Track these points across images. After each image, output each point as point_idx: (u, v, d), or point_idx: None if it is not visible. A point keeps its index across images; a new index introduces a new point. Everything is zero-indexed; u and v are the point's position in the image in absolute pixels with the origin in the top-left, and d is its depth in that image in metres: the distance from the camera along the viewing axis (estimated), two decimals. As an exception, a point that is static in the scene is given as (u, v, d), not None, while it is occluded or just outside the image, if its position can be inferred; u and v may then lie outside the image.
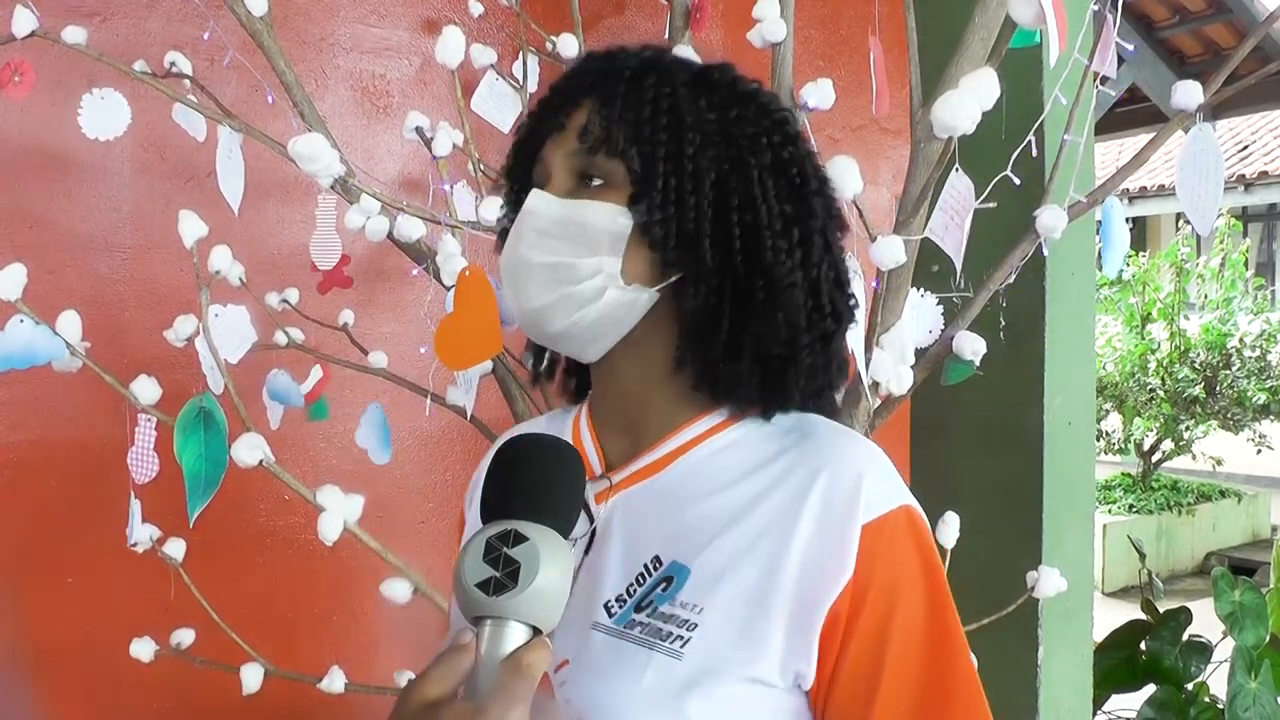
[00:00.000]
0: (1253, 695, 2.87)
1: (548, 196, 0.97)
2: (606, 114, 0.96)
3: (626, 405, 1.03)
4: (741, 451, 0.99)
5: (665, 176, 0.94)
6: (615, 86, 0.97)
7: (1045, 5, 1.34)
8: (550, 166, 0.99)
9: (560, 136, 0.98)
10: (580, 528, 0.97)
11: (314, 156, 1.53)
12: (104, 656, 1.89)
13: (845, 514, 0.91)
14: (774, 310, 0.96)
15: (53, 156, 2.03)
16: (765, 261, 0.96)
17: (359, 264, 2.15)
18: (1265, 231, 16.11)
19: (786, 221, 0.97)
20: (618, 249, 0.95)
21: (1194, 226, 1.56)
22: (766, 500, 0.94)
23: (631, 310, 0.97)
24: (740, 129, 0.98)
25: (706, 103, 0.98)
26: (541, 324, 0.99)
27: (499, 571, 0.77)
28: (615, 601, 0.94)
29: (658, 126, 0.95)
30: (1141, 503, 8.41)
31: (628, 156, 0.95)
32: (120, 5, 2.07)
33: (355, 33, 2.32)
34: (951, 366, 1.65)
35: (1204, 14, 6.75)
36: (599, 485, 1.01)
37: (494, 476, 0.85)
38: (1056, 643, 2.29)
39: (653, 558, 0.95)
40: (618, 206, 0.95)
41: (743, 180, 0.96)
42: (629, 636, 0.92)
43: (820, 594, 0.90)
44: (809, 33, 2.81)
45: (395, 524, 2.30)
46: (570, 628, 0.93)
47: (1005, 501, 2.33)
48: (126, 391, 1.55)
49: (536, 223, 0.97)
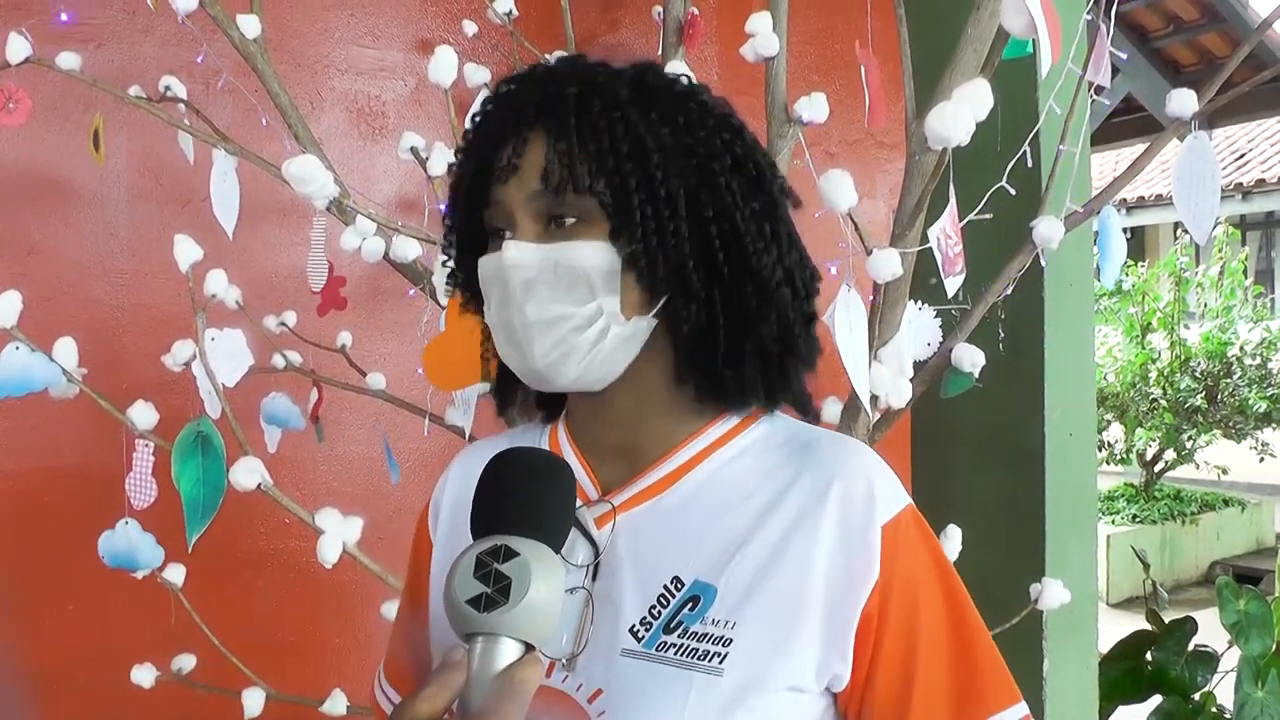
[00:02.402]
0: (1260, 704, 2.86)
1: (525, 245, 0.93)
2: (564, 148, 0.91)
3: (620, 428, 1.01)
4: (745, 465, 0.99)
5: (642, 205, 0.92)
6: (563, 117, 0.92)
7: (1036, 16, 1.34)
8: (511, 211, 0.94)
9: (516, 179, 0.93)
10: (584, 554, 0.97)
11: (308, 178, 1.53)
12: (105, 683, 1.88)
13: (864, 517, 0.93)
14: (768, 311, 0.96)
15: (49, 183, 2.03)
16: (750, 267, 0.95)
17: (356, 285, 2.14)
18: (1264, 239, 16.12)
19: (758, 220, 0.97)
20: (613, 286, 0.93)
21: (1192, 235, 1.56)
22: (780, 511, 0.94)
23: (633, 342, 0.96)
24: (694, 135, 0.95)
25: (657, 115, 0.95)
26: (552, 378, 0.96)
27: (490, 587, 0.76)
28: (640, 625, 0.93)
29: (620, 155, 0.92)
30: (1145, 513, 8.39)
31: (598, 191, 0.91)
32: (115, 31, 2.08)
33: (350, 54, 2.32)
34: (951, 379, 1.65)
35: (1198, 23, 6.78)
36: (598, 510, 0.99)
37: (483, 491, 0.84)
38: (1061, 655, 2.28)
39: (672, 578, 0.94)
40: (602, 243, 0.93)
41: (711, 189, 0.95)
42: (663, 659, 0.91)
43: (852, 596, 0.92)
44: (803, 47, 2.81)
45: (395, 545, 2.28)
46: (596, 657, 0.92)
47: (1007, 514, 2.32)
48: (124, 417, 1.55)
49: (523, 275, 0.93)
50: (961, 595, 0.98)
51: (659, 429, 1.00)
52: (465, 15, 2.33)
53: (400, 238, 1.72)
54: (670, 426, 1.00)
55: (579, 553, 0.97)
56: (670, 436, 1.00)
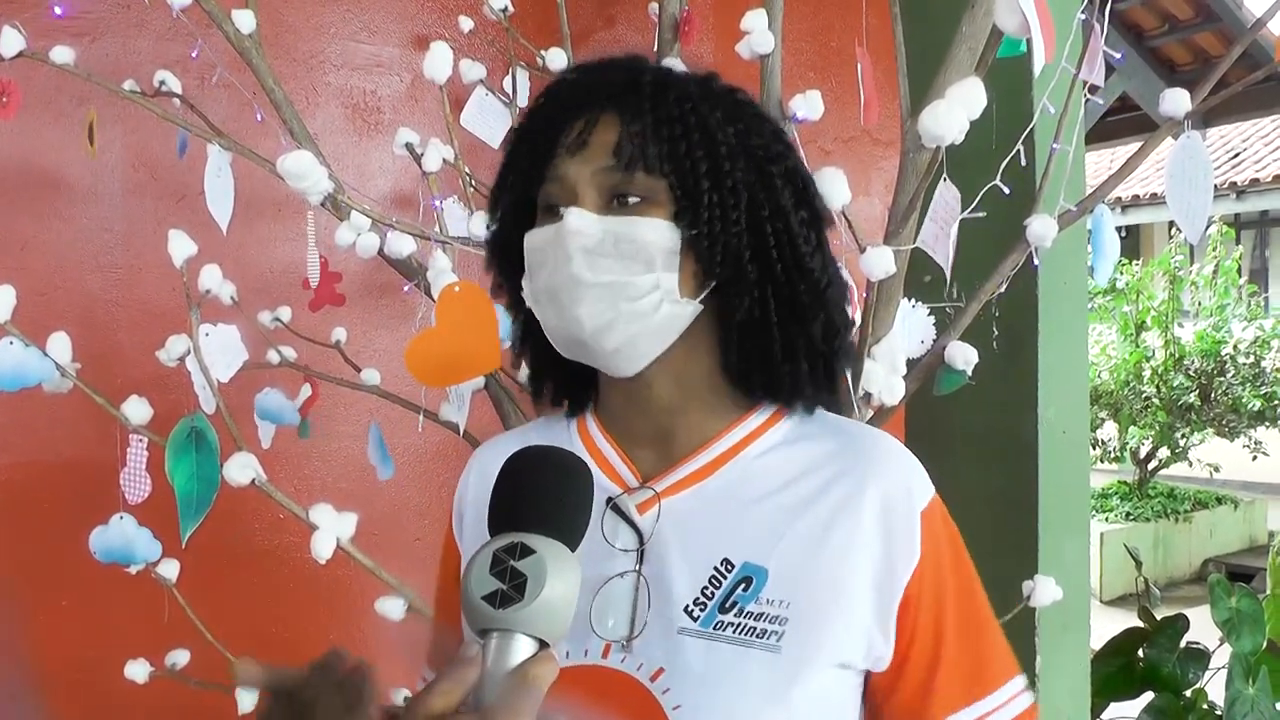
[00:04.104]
0: (1251, 701, 2.87)
1: (588, 214, 0.97)
2: (637, 130, 0.96)
3: (658, 415, 1.04)
4: (785, 453, 1.03)
5: (708, 192, 0.97)
6: (639, 102, 0.97)
7: (1030, 15, 1.34)
8: (574, 185, 0.97)
9: (584, 154, 0.97)
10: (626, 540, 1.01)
11: (302, 174, 1.53)
12: (99, 679, 1.88)
13: (906, 504, 0.99)
14: (819, 310, 1.02)
15: (43, 177, 2.03)
16: (803, 266, 1.00)
17: (351, 281, 2.14)
18: (1258, 238, 16.14)
19: (808, 226, 1.02)
20: (672, 264, 0.97)
21: (1185, 234, 1.56)
22: (823, 497, 0.99)
23: (678, 323, 0.99)
24: (753, 140, 1.01)
25: (721, 115, 1.00)
26: (595, 343, 0.98)
27: (506, 584, 0.77)
28: (694, 605, 0.97)
29: (693, 143, 0.97)
30: (1138, 510, 8.41)
31: (666, 173, 0.96)
32: (109, 25, 2.07)
33: (345, 49, 2.32)
34: (944, 376, 1.65)
35: (1193, 22, 6.78)
36: (640, 496, 1.02)
37: (500, 489, 0.85)
38: (1054, 652, 2.28)
39: (722, 560, 0.98)
40: (665, 222, 0.97)
41: (769, 190, 1.00)
42: (722, 638, 0.95)
43: (896, 578, 0.98)
44: (799, 45, 2.81)
45: (389, 541, 2.29)
46: (655, 636, 0.96)
47: (1000, 511, 2.32)
48: (117, 412, 1.55)
49: (583, 242, 0.96)
50: (975, 574, 1.04)
51: (696, 418, 1.04)
52: (461, 11, 2.32)
53: (395, 233, 1.71)
54: (707, 416, 1.04)
55: (622, 538, 1.01)
56: (707, 426, 1.04)
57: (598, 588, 0.99)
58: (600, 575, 0.99)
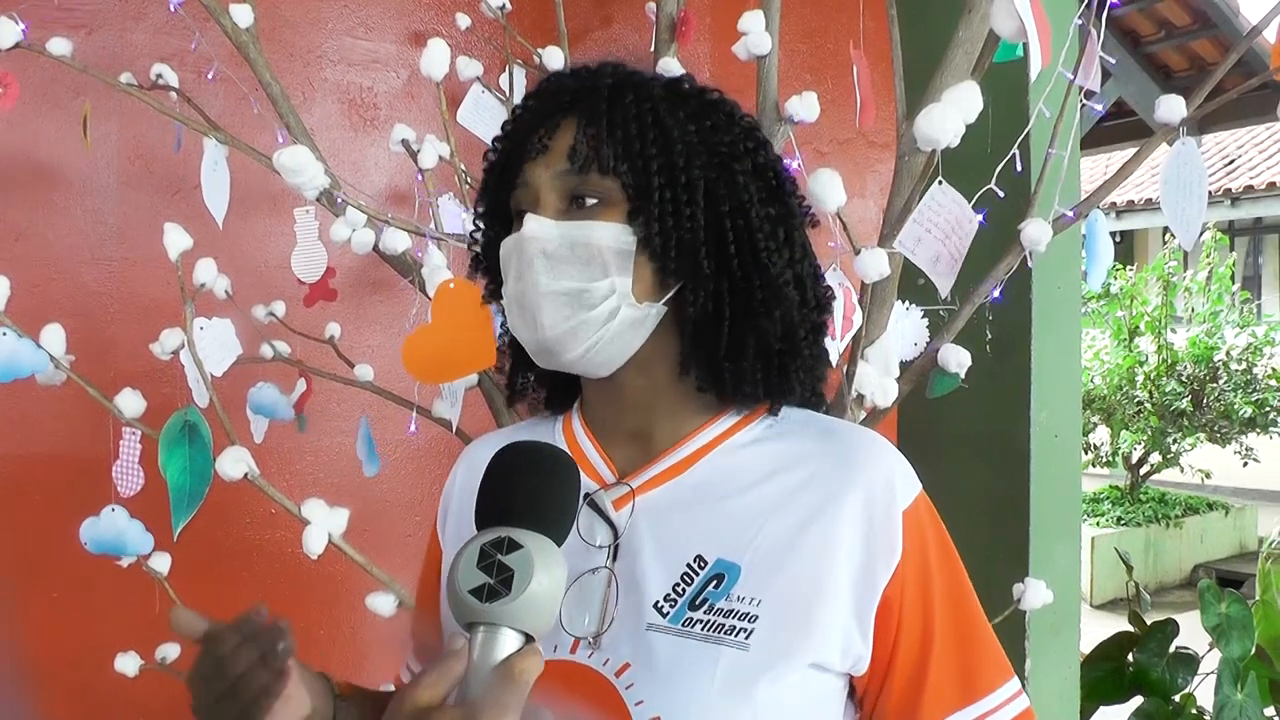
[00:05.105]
0: (1239, 707, 2.87)
1: (545, 220, 0.97)
2: (593, 132, 0.97)
3: (632, 415, 1.04)
4: (764, 448, 1.03)
5: (661, 190, 0.97)
6: (596, 104, 0.98)
7: (1027, 19, 1.34)
8: (537, 189, 0.99)
9: (545, 158, 0.98)
10: (602, 536, 1.00)
11: (298, 169, 1.53)
12: (89, 671, 1.88)
13: (887, 503, 0.98)
14: (773, 307, 1.00)
15: (38, 169, 2.02)
16: (760, 262, 0.99)
17: (346, 277, 2.14)
18: (1251, 245, 16.16)
19: (773, 222, 1.01)
20: (626, 267, 0.97)
21: (1179, 240, 1.57)
22: (801, 494, 0.98)
23: (642, 327, 1.00)
24: (718, 137, 1.01)
25: (684, 114, 1.00)
26: (559, 351, 0.99)
27: (492, 578, 0.77)
28: (664, 601, 0.96)
29: (647, 141, 0.97)
30: (1129, 515, 8.43)
31: (620, 173, 0.96)
32: (106, 17, 2.07)
33: (342, 45, 2.32)
34: (937, 379, 1.65)
35: (1189, 29, 6.79)
36: (616, 492, 1.02)
37: (488, 483, 0.85)
38: (1044, 655, 2.29)
39: (695, 557, 0.97)
40: (619, 224, 0.97)
41: (730, 186, 0.99)
42: (691, 634, 0.94)
43: (876, 578, 0.96)
44: (795, 46, 2.81)
45: (381, 537, 2.29)
46: (623, 632, 0.96)
47: (992, 514, 2.33)
48: (111, 405, 1.54)
49: (541, 247, 0.97)
50: (965, 576, 1.03)
51: (669, 417, 1.04)
52: (458, 8, 2.32)
53: (390, 229, 1.72)
54: (682, 414, 1.04)
55: (598, 534, 1.01)
56: (683, 424, 1.04)
57: (571, 583, 0.99)
58: (574, 570, 0.98)
